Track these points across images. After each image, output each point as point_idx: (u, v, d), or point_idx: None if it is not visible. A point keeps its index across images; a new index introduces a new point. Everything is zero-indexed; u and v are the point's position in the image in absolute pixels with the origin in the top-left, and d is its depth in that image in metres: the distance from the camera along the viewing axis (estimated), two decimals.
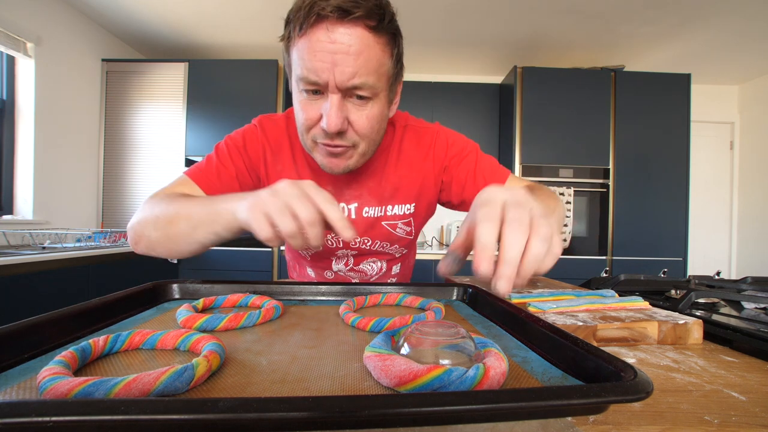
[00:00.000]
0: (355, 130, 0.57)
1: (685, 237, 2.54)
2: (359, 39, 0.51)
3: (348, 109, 0.55)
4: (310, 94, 0.55)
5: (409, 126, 0.73)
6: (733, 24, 2.38)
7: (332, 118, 0.54)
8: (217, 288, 0.55)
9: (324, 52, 0.51)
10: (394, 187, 0.71)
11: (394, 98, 0.64)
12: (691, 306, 0.61)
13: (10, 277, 1.45)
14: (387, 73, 0.57)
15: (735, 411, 0.28)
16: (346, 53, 0.51)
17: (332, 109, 0.54)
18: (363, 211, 0.71)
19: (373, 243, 0.74)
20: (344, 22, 0.50)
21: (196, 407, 0.17)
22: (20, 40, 2.04)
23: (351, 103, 0.55)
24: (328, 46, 0.50)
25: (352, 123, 0.56)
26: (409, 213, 0.74)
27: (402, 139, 0.72)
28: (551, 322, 0.38)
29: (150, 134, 2.59)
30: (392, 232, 0.74)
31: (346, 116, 0.55)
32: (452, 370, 0.25)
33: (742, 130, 3.28)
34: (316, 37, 0.51)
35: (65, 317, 0.36)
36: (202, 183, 0.65)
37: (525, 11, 2.32)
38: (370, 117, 0.57)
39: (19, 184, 2.13)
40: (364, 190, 0.71)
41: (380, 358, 0.27)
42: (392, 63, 0.57)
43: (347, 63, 0.51)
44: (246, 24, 2.53)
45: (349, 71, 0.51)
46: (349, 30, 0.50)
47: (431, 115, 2.81)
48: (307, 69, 0.52)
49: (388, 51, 0.56)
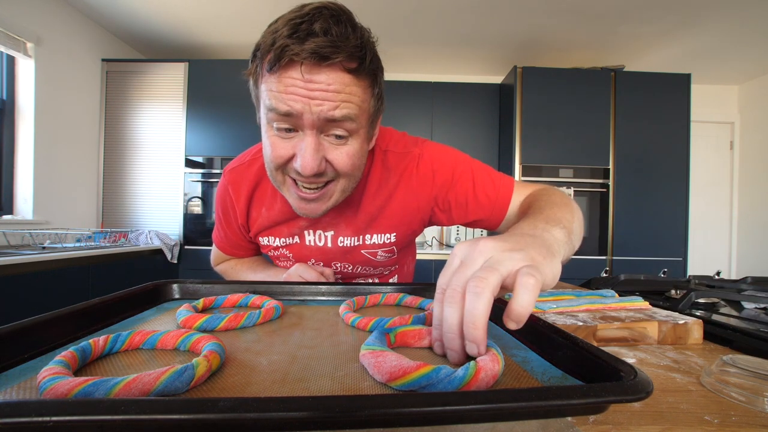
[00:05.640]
0: (335, 168, 0.52)
1: (685, 237, 2.54)
2: (338, 80, 0.46)
3: (325, 148, 0.50)
4: (281, 132, 0.49)
5: (389, 152, 0.66)
6: (734, 24, 2.37)
7: (307, 160, 0.48)
8: (217, 288, 0.55)
9: (298, 91, 0.45)
10: (371, 217, 0.67)
11: (374, 135, 0.59)
12: (691, 306, 0.61)
13: (10, 277, 1.45)
14: (368, 111, 0.52)
15: (735, 411, 0.28)
16: (324, 91, 0.45)
17: (307, 150, 0.48)
18: (338, 240, 0.69)
19: (354, 267, 0.73)
20: (322, 66, 0.45)
21: (196, 407, 0.17)
22: (20, 40, 2.04)
23: (328, 142, 0.50)
24: (303, 86, 0.45)
25: (330, 161, 0.51)
26: (390, 242, 0.70)
27: (381, 167, 0.65)
28: (551, 322, 0.38)
29: (150, 134, 2.59)
30: (372, 258, 0.71)
31: (323, 156, 0.50)
32: (441, 368, 0.25)
33: (742, 130, 3.28)
34: (289, 77, 0.45)
35: (65, 317, 0.35)
36: (229, 252, 0.81)
37: (525, 11, 2.32)
38: (350, 154, 0.52)
39: (19, 184, 2.13)
40: (341, 219, 0.67)
41: (373, 354, 0.28)
42: (373, 102, 0.53)
43: (326, 98, 0.46)
44: (246, 24, 2.53)
45: (328, 105, 0.46)
46: (326, 75, 0.45)
47: (431, 115, 2.81)
48: (278, 101, 0.46)
49: (369, 92, 0.51)
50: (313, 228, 0.69)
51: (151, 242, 2.36)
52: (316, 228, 0.69)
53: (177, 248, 2.49)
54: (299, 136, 0.50)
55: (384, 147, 0.66)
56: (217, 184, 2.54)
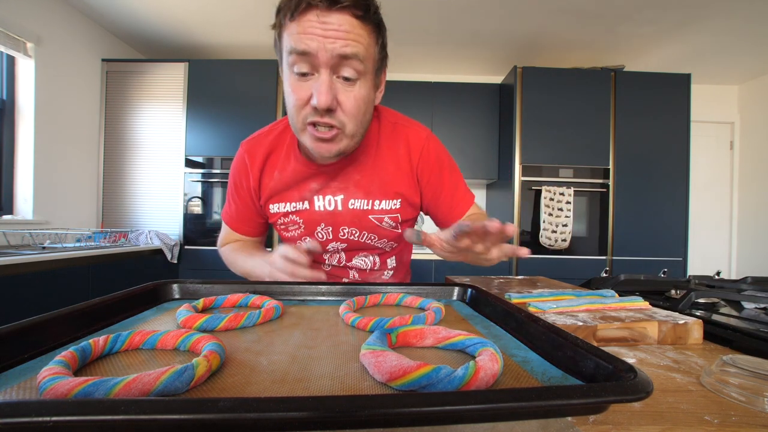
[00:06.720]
0: (343, 110, 0.60)
1: (685, 237, 2.54)
2: (348, 23, 0.55)
3: (337, 88, 0.58)
4: (299, 76, 0.57)
5: (399, 124, 0.75)
6: (733, 24, 2.38)
7: (322, 95, 0.56)
8: (217, 288, 0.55)
9: (315, 31, 0.54)
10: (381, 181, 0.73)
11: (379, 85, 0.67)
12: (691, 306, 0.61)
13: (10, 277, 1.45)
14: (373, 57, 0.60)
15: (735, 411, 0.28)
16: (336, 30, 0.54)
17: (322, 86, 0.56)
18: (349, 203, 0.74)
19: (360, 234, 0.76)
20: (332, 10, 0.53)
21: (196, 407, 0.17)
22: (20, 40, 2.04)
23: (339, 83, 0.58)
24: (319, 26, 0.54)
25: (340, 103, 0.59)
26: (395, 208, 0.75)
27: (390, 137, 0.74)
28: (551, 322, 0.38)
29: (150, 134, 2.58)
30: (378, 225, 0.75)
31: (335, 95, 0.58)
32: (441, 368, 0.25)
33: (742, 130, 3.28)
34: (307, 20, 0.54)
35: (65, 317, 0.36)
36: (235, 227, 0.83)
37: (525, 11, 2.32)
38: (357, 98, 0.59)
39: (19, 184, 2.13)
40: (350, 182, 0.73)
41: (374, 354, 0.28)
42: (378, 49, 0.61)
43: (338, 36, 0.54)
44: (246, 24, 2.53)
45: (340, 42, 0.54)
46: (337, 17, 0.54)
47: (431, 115, 2.81)
48: (297, 41, 0.55)
49: (374, 38, 0.59)
50: (322, 193, 0.74)
51: (151, 242, 2.36)
52: (325, 192, 0.73)
53: (177, 248, 2.49)
54: (314, 77, 0.57)
55: (393, 120, 0.75)
56: (217, 184, 2.55)
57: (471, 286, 0.57)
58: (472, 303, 0.54)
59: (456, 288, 0.59)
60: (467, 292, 0.57)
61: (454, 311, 0.51)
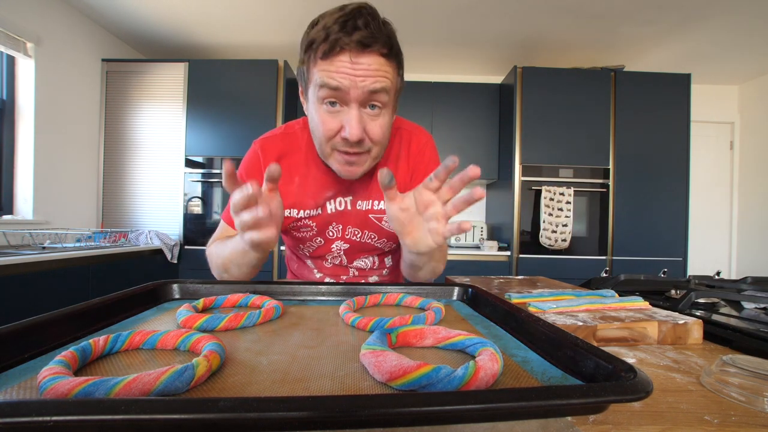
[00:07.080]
0: (371, 138, 0.64)
1: (685, 237, 2.54)
2: (376, 62, 0.59)
3: (365, 120, 0.62)
4: (329, 106, 0.61)
5: (402, 129, 0.79)
6: (733, 24, 2.38)
7: (354, 128, 0.61)
8: (217, 288, 0.55)
9: (346, 70, 0.58)
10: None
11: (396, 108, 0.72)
12: (691, 306, 0.61)
13: (10, 277, 1.45)
14: (395, 87, 0.65)
15: (735, 411, 0.28)
16: (366, 70, 0.59)
17: (353, 120, 0.61)
18: (357, 204, 0.76)
19: (362, 234, 0.78)
20: (363, 52, 0.58)
21: (196, 407, 0.17)
22: (20, 40, 2.04)
23: (366, 114, 0.62)
24: (350, 67, 0.58)
25: (367, 132, 0.63)
26: None
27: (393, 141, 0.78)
28: (551, 322, 0.38)
29: (150, 134, 2.59)
30: (379, 224, 0.78)
31: (364, 126, 0.62)
32: (440, 368, 0.25)
33: (742, 130, 3.28)
34: (339, 60, 0.58)
35: (65, 317, 0.36)
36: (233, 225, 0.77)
37: (525, 11, 2.32)
38: (382, 125, 0.64)
39: (19, 184, 2.13)
40: (360, 186, 0.76)
41: (374, 354, 0.28)
42: (399, 79, 0.66)
43: (368, 75, 0.59)
44: (246, 24, 2.53)
45: (369, 80, 0.59)
46: (367, 58, 0.59)
47: (431, 115, 2.81)
48: (330, 78, 0.58)
49: (396, 71, 0.64)
50: (334, 197, 0.77)
51: (151, 242, 2.36)
52: (337, 197, 0.77)
53: (177, 248, 2.49)
54: (344, 111, 0.62)
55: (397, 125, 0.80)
56: (217, 184, 2.54)
57: (471, 286, 0.57)
58: (472, 303, 0.54)
59: (456, 288, 0.59)
60: (467, 292, 0.57)
61: (454, 311, 0.51)
